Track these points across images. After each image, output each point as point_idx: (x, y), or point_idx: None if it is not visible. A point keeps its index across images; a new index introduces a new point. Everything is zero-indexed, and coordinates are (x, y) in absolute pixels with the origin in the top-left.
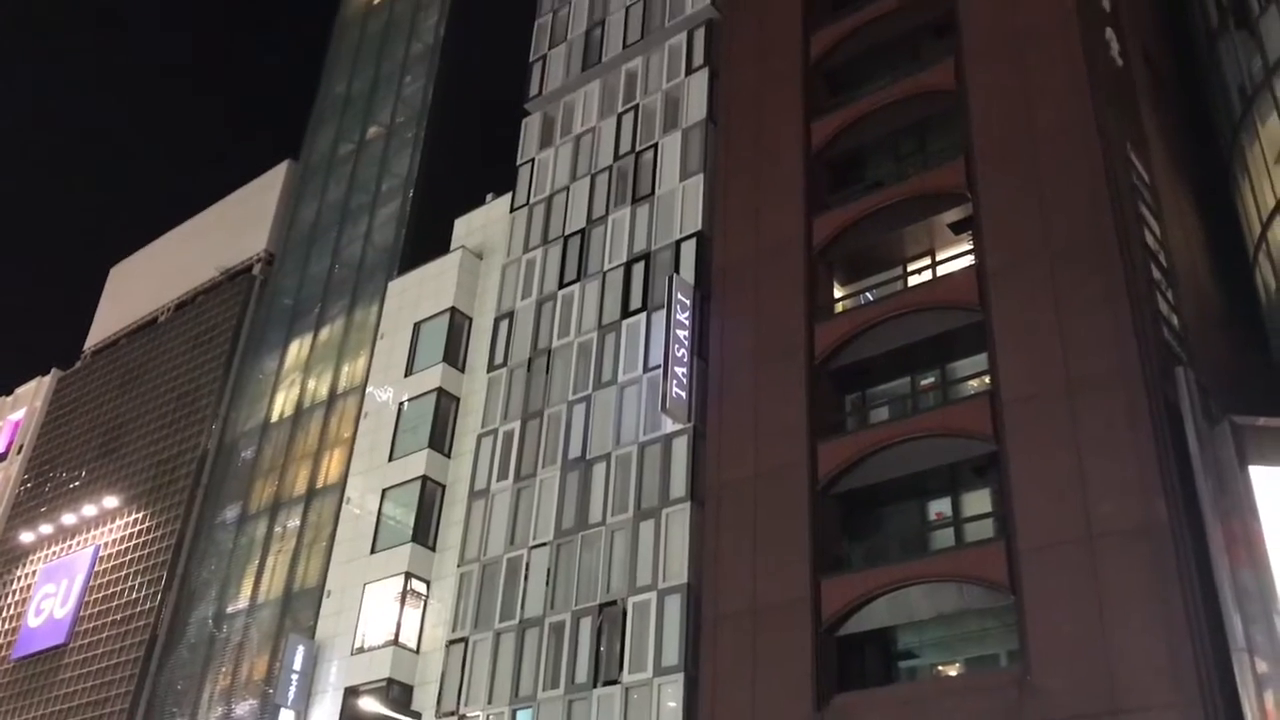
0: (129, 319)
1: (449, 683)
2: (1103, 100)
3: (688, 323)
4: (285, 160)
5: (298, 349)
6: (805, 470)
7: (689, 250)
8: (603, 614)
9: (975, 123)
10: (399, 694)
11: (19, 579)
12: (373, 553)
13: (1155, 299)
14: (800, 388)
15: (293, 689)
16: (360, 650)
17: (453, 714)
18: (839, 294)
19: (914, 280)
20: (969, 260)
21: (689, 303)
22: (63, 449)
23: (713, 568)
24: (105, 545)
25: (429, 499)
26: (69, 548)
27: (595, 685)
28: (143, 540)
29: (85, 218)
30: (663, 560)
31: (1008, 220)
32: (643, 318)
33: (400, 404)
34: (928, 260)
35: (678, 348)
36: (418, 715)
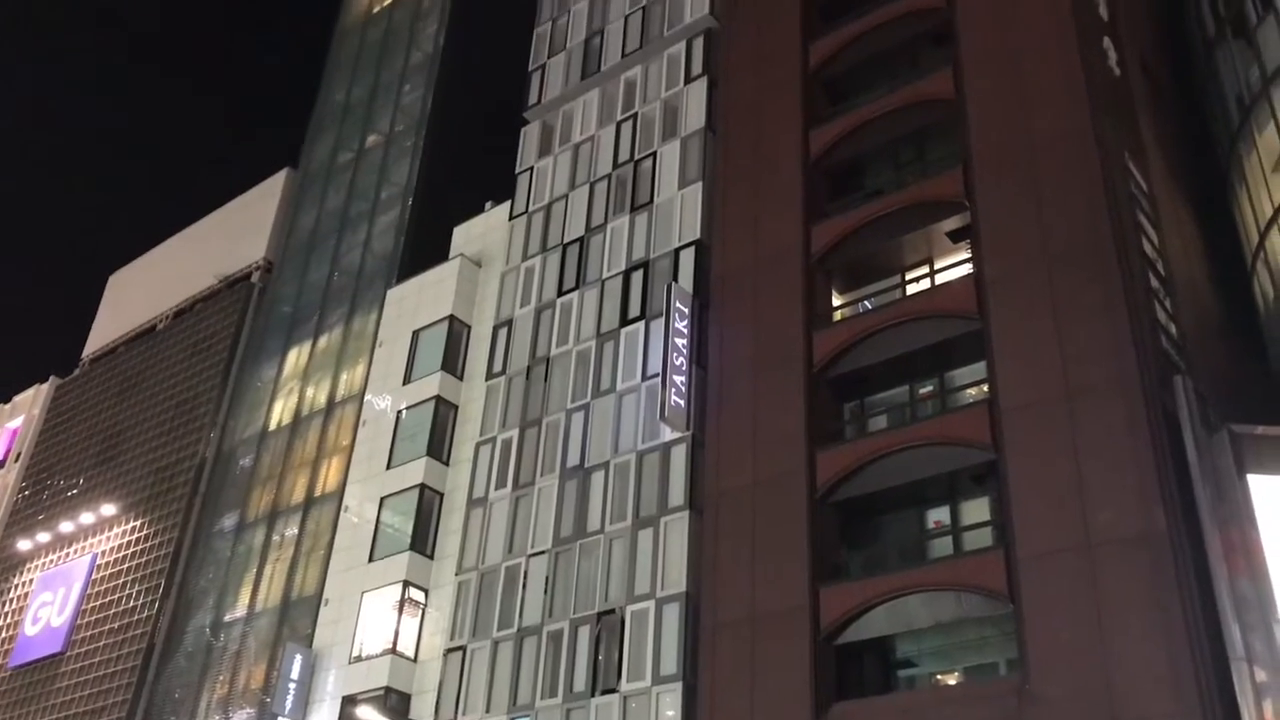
0: (127, 327)
1: (447, 691)
2: (1100, 109)
3: (686, 331)
4: (284, 168)
5: (296, 357)
6: (804, 478)
7: (688, 258)
8: (601, 622)
9: (974, 131)
10: (397, 702)
11: (16, 587)
12: (371, 561)
13: (1153, 307)
14: (799, 396)
15: (290, 697)
16: (358, 659)
17: None
18: (837, 302)
19: (912, 288)
20: (967, 269)
21: (688, 311)
22: (60, 457)
23: (711, 576)
24: (103, 553)
25: (427, 507)
26: (66, 556)
27: (593, 694)
28: (140, 548)
29: (84, 225)
30: (661, 569)
31: (1006, 229)
32: (641, 326)
33: (399, 412)
34: (926, 268)
35: (676, 356)
36: None
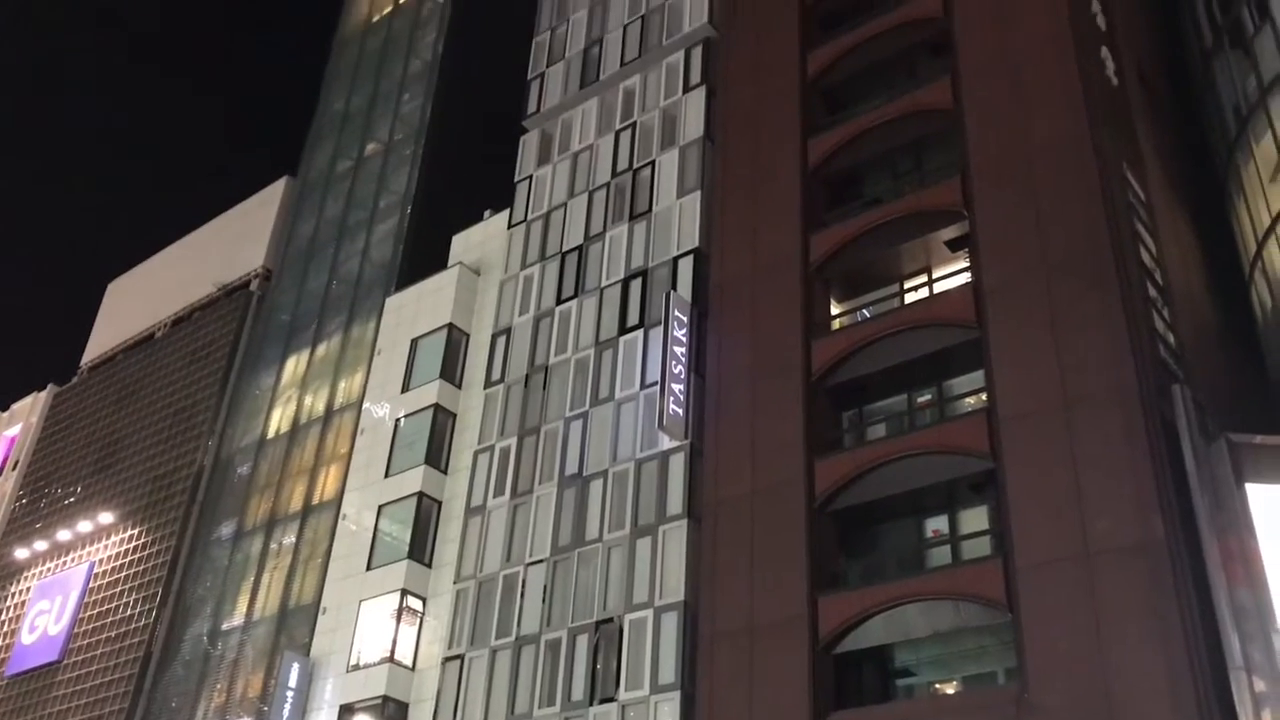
0: (126, 335)
1: (444, 700)
2: (1099, 118)
3: (685, 339)
4: (284, 176)
5: (295, 365)
6: (802, 487)
7: (686, 267)
8: (599, 631)
9: (972, 141)
10: (394, 711)
11: (13, 595)
12: (368, 569)
13: (1151, 317)
14: (797, 404)
15: (288, 706)
16: (356, 667)
17: None
18: (836, 311)
19: (911, 297)
20: (966, 277)
21: (686, 319)
22: (58, 465)
23: (710, 585)
24: (100, 561)
25: (425, 515)
26: (64, 564)
27: (591, 703)
28: (138, 556)
29: (83, 230)
30: (660, 577)
31: (1004, 238)
32: (640, 334)
33: (397, 420)
34: (924, 277)
35: (675, 364)
36: None
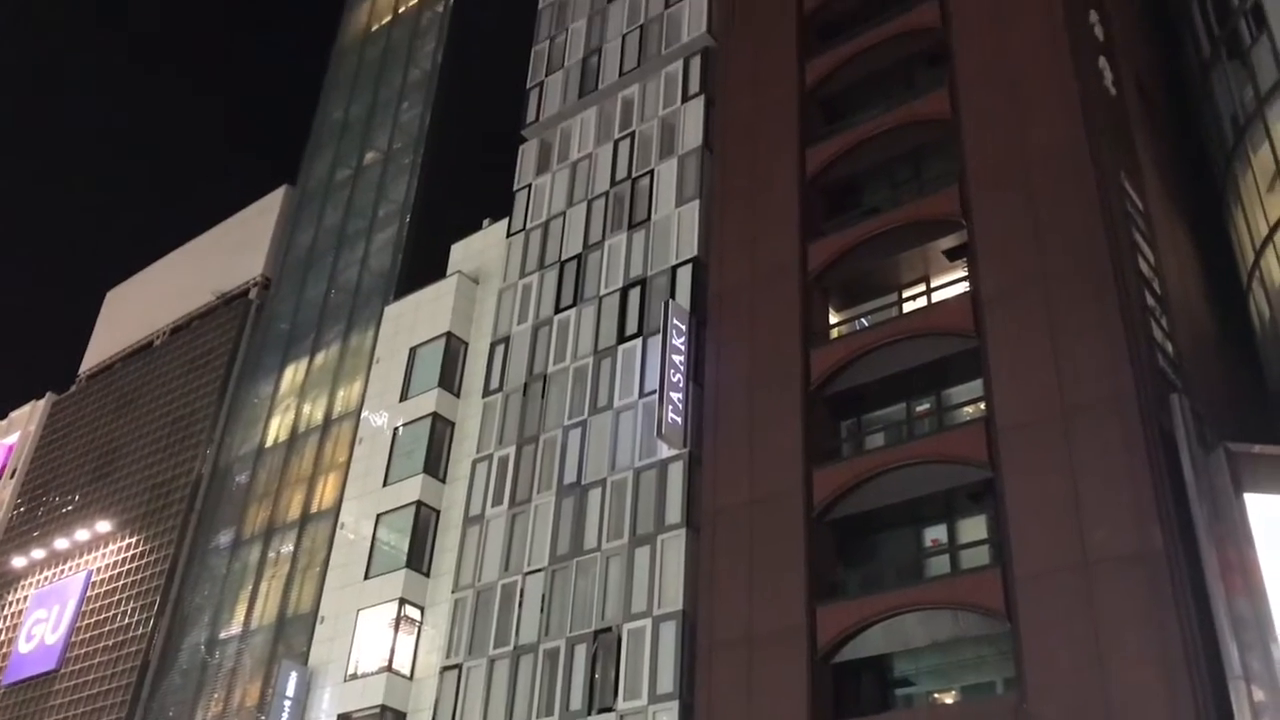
0: (124, 343)
1: (443, 710)
2: (1096, 128)
3: (683, 348)
4: (283, 185)
5: (293, 374)
6: (801, 496)
7: (685, 276)
8: (598, 641)
9: (969, 150)
10: None
11: (10, 604)
12: (367, 578)
13: (1150, 326)
14: (796, 413)
15: (285, 715)
16: (353, 677)
17: None
18: (834, 320)
19: (909, 306)
20: (964, 287)
21: (685, 328)
22: (56, 473)
23: (708, 594)
24: (98, 570)
25: (423, 524)
26: (61, 573)
27: (590, 713)
28: (136, 565)
29: (82, 235)
30: (658, 587)
31: (1002, 247)
32: (638, 343)
33: (395, 429)
34: (923, 286)
35: (673, 373)
36: None
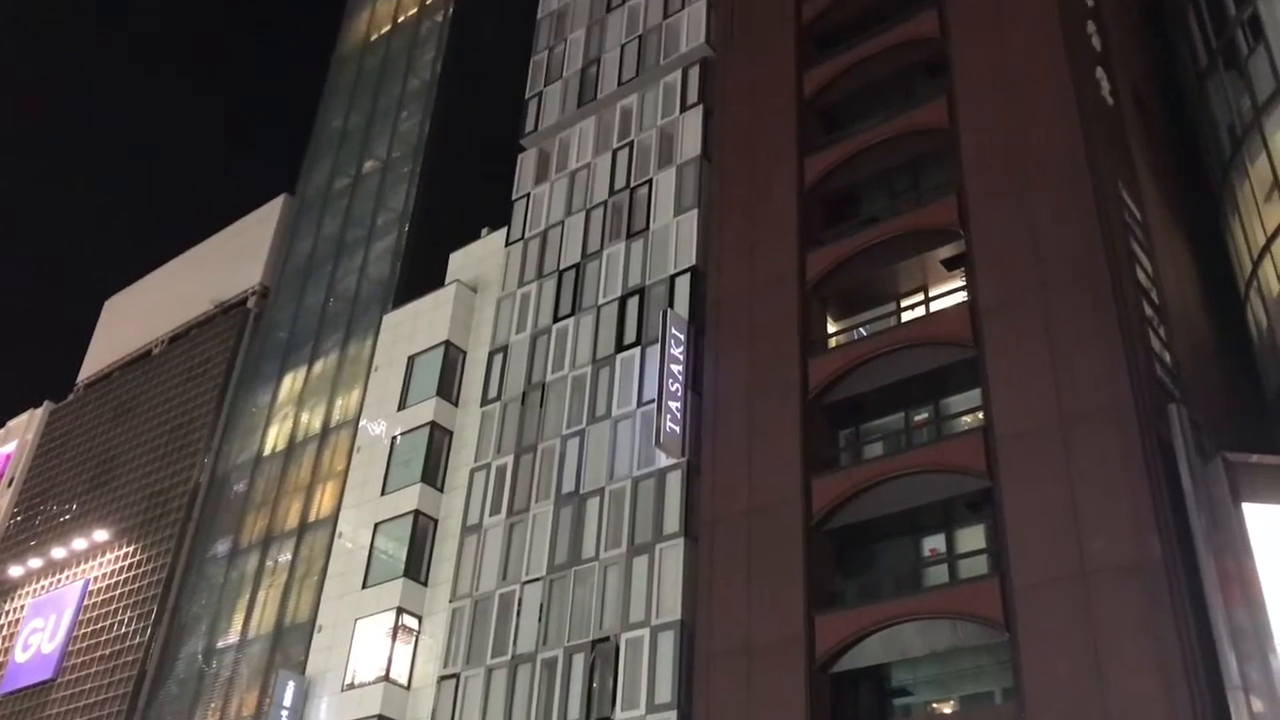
0: (122, 352)
1: (440, 719)
2: (1094, 138)
3: (682, 357)
4: (281, 194)
5: (291, 382)
6: (799, 505)
7: (683, 285)
8: (595, 650)
9: (968, 160)
10: None
11: (7, 613)
12: (364, 588)
13: (1148, 335)
14: (794, 423)
15: None
16: (351, 686)
17: None
18: (833, 329)
19: (907, 316)
20: (962, 296)
21: (683, 337)
22: (54, 482)
23: (706, 604)
24: (95, 579)
25: (421, 533)
26: (58, 582)
27: None
28: (133, 574)
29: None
30: (656, 596)
31: (1001, 257)
32: (637, 352)
33: (393, 438)
34: (921, 296)
35: (672, 382)
36: None
